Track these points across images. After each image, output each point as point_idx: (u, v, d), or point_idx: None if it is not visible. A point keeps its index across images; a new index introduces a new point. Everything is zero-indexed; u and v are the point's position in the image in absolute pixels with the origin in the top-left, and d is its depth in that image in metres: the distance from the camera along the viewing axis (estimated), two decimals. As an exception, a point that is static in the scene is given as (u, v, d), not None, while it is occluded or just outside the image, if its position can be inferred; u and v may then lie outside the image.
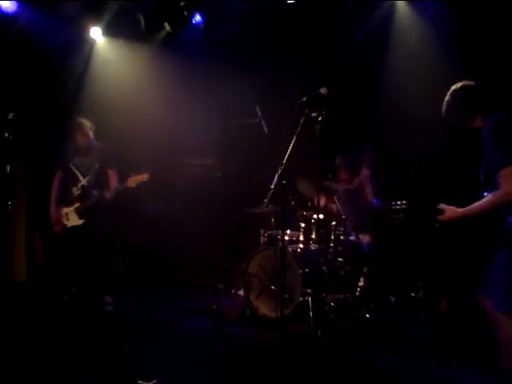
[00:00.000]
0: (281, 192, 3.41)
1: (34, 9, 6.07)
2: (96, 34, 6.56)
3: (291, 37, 6.29)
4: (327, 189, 4.87)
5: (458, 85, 3.17)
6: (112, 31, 6.54)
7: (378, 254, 4.88)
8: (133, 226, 7.08)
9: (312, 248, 5.02)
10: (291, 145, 3.43)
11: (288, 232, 5.17)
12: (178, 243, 6.76)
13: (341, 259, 4.88)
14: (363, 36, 5.72)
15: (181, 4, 6.28)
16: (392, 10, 5.67)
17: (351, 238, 4.91)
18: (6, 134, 4.75)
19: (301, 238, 5.11)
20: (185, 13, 6.36)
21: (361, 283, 4.68)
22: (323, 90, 3.55)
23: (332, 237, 4.92)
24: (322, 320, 4.32)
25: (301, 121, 3.53)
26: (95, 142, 5.35)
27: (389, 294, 4.76)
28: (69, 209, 5.24)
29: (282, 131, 4.06)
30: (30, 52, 6.17)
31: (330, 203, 5.06)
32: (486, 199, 2.95)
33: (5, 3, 5.90)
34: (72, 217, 5.23)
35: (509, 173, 2.81)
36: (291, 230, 5.24)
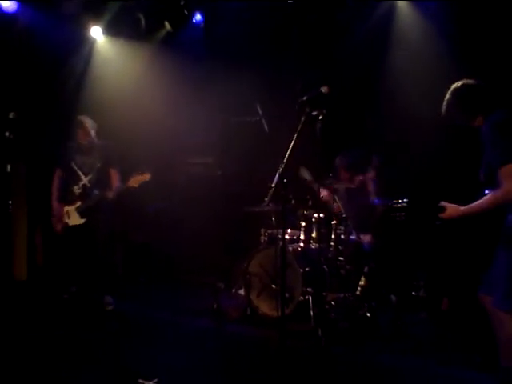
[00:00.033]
0: (281, 191, 3.41)
1: (35, 8, 6.08)
2: (96, 33, 6.55)
3: (291, 37, 6.30)
4: (328, 184, 4.88)
5: (459, 83, 3.18)
6: (112, 30, 6.55)
7: (379, 253, 4.88)
8: (133, 226, 7.07)
9: (313, 247, 5.02)
10: (292, 143, 3.43)
11: (289, 231, 5.17)
12: (179, 242, 6.76)
13: (341, 258, 4.88)
14: (363, 36, 5.72)
15: (181, 3, 6.28)
16: (392, 10, 5.67)
17: (352, 237, 4.91)
18: (7, 134, 4.76)
19: (301, 237, 5.10)
20: (185, 12, 6.36)
21: (361, 282, 4.67)
22: (324, 89, 3.55)
23: (333, 236, 4.91)
24: (323, 319, 4.32)
25: (301, 119, 3.53)
26: (97, 141, 5.32)
27: (389, 293, 4.76)
28: (70, 207, 5.23)
29: (283, 130, 4.07)
30: (31, 51, 6.17)
31: (332, 196, 5.04)
32: (487, 198, 2.95)
33: (5, 3, 5.90)
34: (73, 216, 5.22)
35: (509, 171, 2.81)
36: (292, 229, 5.24)
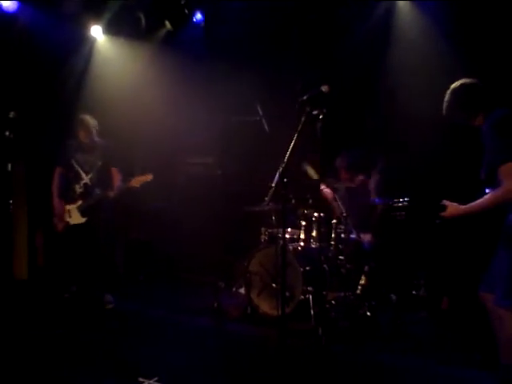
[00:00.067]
0: (282, 190, 3.41)
1: (35, 8, 6.08)
2: (96, 33, 6.55)
3: (291, 37, 6.29)
4: (330, 183, 4.89)
5: (459, 83, 3.18)
6: (112, 29, 6.54)
7: (379, 252, 4.88)
8: (134, 225, 7.08)
9: (313, 246, 5.03)
10: (292, 143, 3.43)
11: (289, 230, 5.18)
12: (179, 241, 6.76)
13: (342, 257, 4.88)
14: (363, 35, 5.71)
15: (181, 2, 6.28)
16: (392, 10, 5.66)
17: (352, 236, 4.91)
18: (7, 133, 4.76)
19: (302, 236, 5.11)
20: (185, 11, 6.36)
21: (362, 281, 4.68)
22: (324, 88, 3.54)
23: (333, 235, 4.91)
24: (323, 318, 4.32)
25: (302, 119, 3.53)
26: (98, 140, 5.33)
27: (390, 292, 4.75)
28: (71, 206, 5.23)
29: (283, 130, 4.06)
30: (31, 51, 6.17)
31: (334, 195, 5.04)
32: (488, 196, 2.96)
33: (5, 2, 5.91)
34: (74, 214, 5.23)
35: (509, 169, 2.82)
36: (292, 228, 5.25)
